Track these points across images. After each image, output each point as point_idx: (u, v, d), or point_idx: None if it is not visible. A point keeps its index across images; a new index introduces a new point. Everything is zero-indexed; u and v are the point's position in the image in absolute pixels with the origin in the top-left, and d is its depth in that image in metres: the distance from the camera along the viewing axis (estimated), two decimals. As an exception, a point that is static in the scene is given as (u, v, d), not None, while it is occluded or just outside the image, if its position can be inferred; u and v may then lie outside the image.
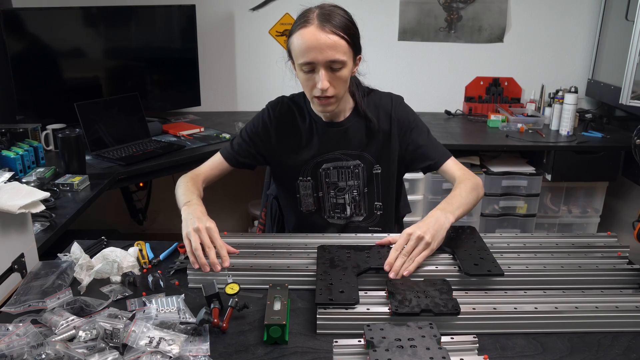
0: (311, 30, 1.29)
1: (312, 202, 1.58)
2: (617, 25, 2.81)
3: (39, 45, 2.51)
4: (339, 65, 1.32)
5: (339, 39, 1.30)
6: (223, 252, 1.19)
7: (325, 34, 1.28)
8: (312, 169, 1.54)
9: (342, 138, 1.52)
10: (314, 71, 1.33)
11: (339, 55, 1.30)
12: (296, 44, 1.32)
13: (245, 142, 1.56)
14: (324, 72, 1.31)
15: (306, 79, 1.35)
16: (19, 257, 1.20)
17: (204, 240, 1.18)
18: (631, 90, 2.43)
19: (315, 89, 1.35)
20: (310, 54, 1.30)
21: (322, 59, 1.30)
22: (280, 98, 1.58)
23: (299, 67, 1.35)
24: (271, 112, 1.55)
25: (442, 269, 1.19)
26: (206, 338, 1.00)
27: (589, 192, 2.80)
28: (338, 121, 1.52)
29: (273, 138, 1.54)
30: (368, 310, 1.04)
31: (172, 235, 1.43)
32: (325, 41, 1.28)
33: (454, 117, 3.08)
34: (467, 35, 3.06)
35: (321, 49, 1.28)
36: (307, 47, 1.29)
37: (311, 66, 1.32)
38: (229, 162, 1.55)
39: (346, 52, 1.32)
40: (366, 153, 1.53)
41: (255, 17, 3.06)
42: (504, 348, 0.99)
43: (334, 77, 1.33)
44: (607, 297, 1.09)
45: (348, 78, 1.38)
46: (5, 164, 2.00)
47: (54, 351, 0.92)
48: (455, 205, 1.31)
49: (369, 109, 1.51)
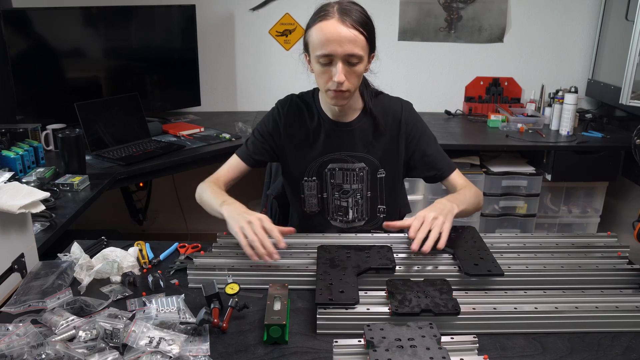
0: (332, 23, 1.31)
1: (316, 203, 1.59)
2: (617, 25, 2.81)
3: (39, 45, 2.51)
4: (356, 60, 1.33)
5: (359, 33, 1.32)
6: (275, 233, 1.20)
7: (347, 28, 1.30)
8: (318, 168, 1.55)
9: (348, 138, 1.53)
10: (331, 64, 1.34)
11: (357, 49, 1.32)
12: (315, 36, 1.33)
13: (259, 140, 1.57)
14: (342, 65, 1.32)
15: (322, 71, 1.36)
16: (19, 257, 1.20)
17: (258, 232, 1.19)
18: (631, 90, 2.43)
19: (330, 82, 1.36)
20: (330, 46, 1.31)
21: (342, 51, 1.31)
22: (289, 96, 1.59)
23: (315, 59, 1.36)
24: (280, 110, 1.56)
25: (442, 269, 1.19)
26: (206, 338, 1.00)
27: (589, 192, 2.80)
28: (346, 121, 1.52)
29: (283, 135, 1.56)
30: (368, 310, 1.04)
31: (172, 235, 1.44)
32: (345, 34, 1.30)
33: (454, 117, 3.08)
34: (467, 35, 3.06)
35: (341, 42, 1.30)
36: (327, 40, 1.31)
37: (329, 59, 1.33)
38: (246, 162, 1.55)
39: (363, 48, 1.34)
40: (371, 156, 1.53)
41: (255, 17, 3.06)
42: (504, 348, 0.99)
43: (350, 71, 1.35)
44: (607, 297, 1.09)
45: (362, 74, 1.40)
46: (5, 164, 2.00)
47: (54, 351, 0.92)
48: (459, 200, 1.36)
49: (377, 111, 1.52)
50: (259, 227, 1.20)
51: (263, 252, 1.17)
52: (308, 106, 1.55)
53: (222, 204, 1.32)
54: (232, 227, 1.24)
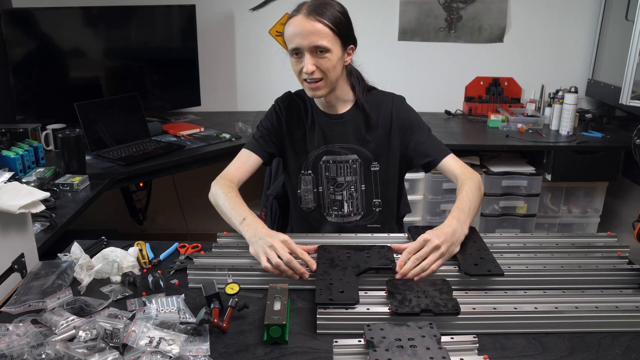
0: (298, 19, 1.40)
1: (312, 199, 1.60)
2: (617, 25, 2.81)
3: (39, 45, 2.51)
4: (322, 50, 1.39)
5: (323, 26, 1.39)
6: (306, 257, 1.19)
7: (310, 22, 1.38)
8: (313, 161, 1.58)
9: (341, 130, 1.56)
10: (301, 56, 1.42)
11: (322, 41, 1.39)
12: (286, 32, 1.43)
13: (265, 134, 1.58)
14: (309, 56, 1.40)
15: (294, 63, 1.44)
16: (19, 257, 1.20)
17: (282, 254, 1.17)
18: (631, 90, 2.43)
19: (302, 73, 1.42)
20: (295, 40, 1.40)
21: (307, 44, 1.39)
22: (287, 92, 1.64)
23: (290, 54, 1.45)
24: (281, 105, 1.61)
25: (442, 269, 1.19)
26: (206, 338, 1.00)
27: (589, 192, 2.80)
28: (338, 113, 1.56)
29: (284, 130, 1.59)
30: (368, 310, 1.04)
31: (172, 235, 1.43)
32: (308, 28, 1.38)
33: (454, 117, 3.08)
34: (467, 35, 3.06)
35: (304, 34, 1.38)
36: (294, 34, 1.40)
37: (298, 51, 1.41)
38: (259, 155, 1.54)
39: (330, 39, 1.40)
40: (364, 148, 1.55)
41: (255, 17, 3.06)
42: (504, 348, 0.99)
43: (320, 62, 1.40)
44: (607, 297, 1.09)
45: (336, 64, 1.43)
46: (5, 164, 2.00)
47: (54, 351, 0.92)
48: (468, 211, 1.31)
49: (369, 106, 1.55)
50: (283, 250, 1.18)
51: (291, 273, 1.17)
52: (303, 101, 1.61)
53: (242, 222, 1.29)
54: (256, 252, 1.21)
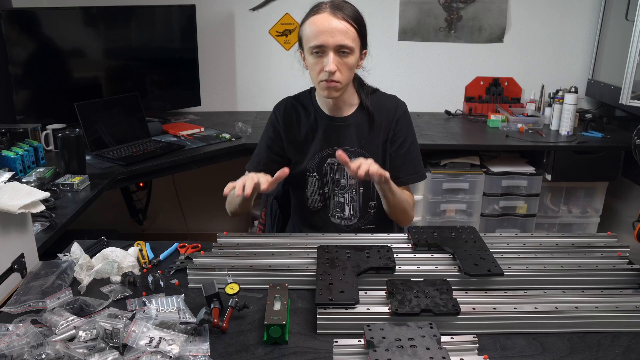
0: (324, 16, 1.38)
1: (318, 199, 1.61)
2: (617, 25, 2.80)
3: (40, 45, 2.51)
4: (347, 50, 1.38)
5: (350, 26, 1.38)
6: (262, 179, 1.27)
7: (337, 20, 1.37)
8: (318, 163, 1.58)
9: (344, 133, 1.55)
10: (323, 55, 1.39)
11: (348, 41, 1.37)
12: (308, 29, 1.40)
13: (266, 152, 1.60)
14: (333, 56, 1.37)
15: (315, 62, 1.41)
16: (19, 257, 1.20)
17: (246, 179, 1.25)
18: (631, 90, 2.43)
19: (322, 73, 1.40)
20: (321, 37, 1.36)
21: (333, 42, 1.36)
22: (284, 99, 1.63)
23: (309, 51, 1.41)
24: (277, 113, 1.61)
25: (442, 269, 1.19)
26: (206, 338, 1.00)
27: (589, 192, 2.80)
28: (342, 116, 1.55)
29: (284, 138, 1.59)
30: (368, 310, 1.04)
31: (172, 235, 1.44)
32: (336, 25, 1.36)
33: (454, 117, 3.08)
34: (467, 35, 3.06)
35: (332, 32, 1.36)
36: (319, 31, 1.37)
37: (321, 49, 1.38)
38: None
39: (355, 40, 1.39)
40: (365, 151, 1.55)
41: (255, 17, 3.05)
42: (504, 348, 0.99)
43: (341, 62, 1.39)
44: (607, 297, 1.09)
45: (354, 67, 1.43)
46: (5, 164, 2.00)
47: (54, 351, 0.92)
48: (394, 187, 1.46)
49: (373, 107, 1.55)
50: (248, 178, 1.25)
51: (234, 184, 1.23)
52: (304, 105, 1.59)
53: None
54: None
